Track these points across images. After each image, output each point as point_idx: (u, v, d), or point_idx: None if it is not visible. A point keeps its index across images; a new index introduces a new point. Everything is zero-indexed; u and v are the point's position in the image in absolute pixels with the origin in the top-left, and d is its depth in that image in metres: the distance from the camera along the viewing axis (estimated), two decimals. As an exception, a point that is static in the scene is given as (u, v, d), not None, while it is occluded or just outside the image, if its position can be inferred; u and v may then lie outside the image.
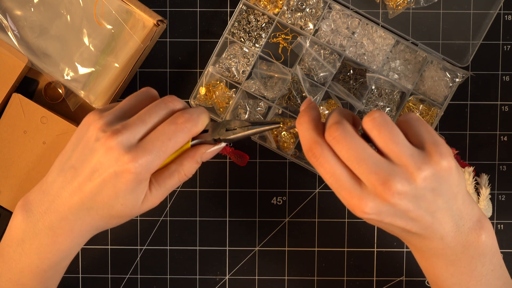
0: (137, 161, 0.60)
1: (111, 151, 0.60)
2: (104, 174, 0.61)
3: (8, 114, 0.79)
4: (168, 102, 0.64)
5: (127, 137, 0.60)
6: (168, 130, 0.61)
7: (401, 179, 0.57)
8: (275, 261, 0.85)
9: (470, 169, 0.82)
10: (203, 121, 0.64)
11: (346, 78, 0.82)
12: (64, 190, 0.62)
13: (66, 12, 0.79)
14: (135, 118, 0.62)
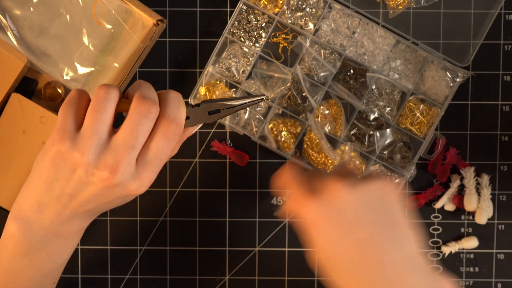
0: (143, 186, 0.60)
1: (114, 187, 0.59)
2: (110, 199, 0.61)
3: (7, 114, 0.79)
4: (147, 114, 0.60)
5: (125, 171, 0.59)
6: (162, 148, 0.60)
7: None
8: (275, 262, 0.85)
9: (471, 169, 0.82)
10: (184, 114, 0.62)
11: (346, 78, 0.82)
12: (64, 210, 0.61)
13: (66, 12, 0.79)
14: (122, 145, 0.59)
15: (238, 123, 0.82)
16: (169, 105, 0.61)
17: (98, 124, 0.59)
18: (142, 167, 0.60)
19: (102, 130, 0.59)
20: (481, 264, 0.84)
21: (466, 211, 0.84)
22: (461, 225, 0.84)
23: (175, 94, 0.62)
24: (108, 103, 0.60)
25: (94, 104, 0.60)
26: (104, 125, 0.59)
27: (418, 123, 0.82)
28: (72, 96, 0.62)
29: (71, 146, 0.59)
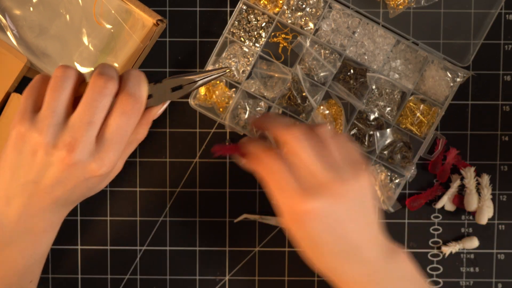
0: (104, 166, 0.59)
1: (74, 166, 0.58)
2: (73, 182, 0.59)
3: (7, 113, 0.79)
4: (103, 90, 0.59)
5: (84, 148, 0.58)
6: (122, 124, 0.59)
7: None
8: (275, 262, 0.85)
9: (471, 169, 0.82)
10: (146, 91, 0.61)
11: (346, 78, 0.82)
12: (31, 200, 0.60)
13: (66, 12, 0.79)
14: (79, 122, 0.58)
15: (238, 123, 0.82)
16: (129, 82, 0.60)
17: (55, 102, 0.59)
18: (101, 145, 0.59)
19: (59, 109, 0.58)
20: (482, 264, 0.84)
21: (467, 211, 0.84)
22: (461, 225, 0.84)
23: (136, 72, 0.61)
24: (65, 81, 0.59)
25: (52, 84, 0.60)
26: (61, 104, 0.59)
27: (418, 123, 0.82)
28: (35, 80, 0.61)
29: (30, 126, 0.58)
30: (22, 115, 0.59)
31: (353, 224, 0.62)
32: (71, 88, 0.60)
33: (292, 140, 0.62)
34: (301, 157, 0.61)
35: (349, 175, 0.61)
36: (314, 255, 0.63)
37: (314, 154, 0.61)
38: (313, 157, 0.61)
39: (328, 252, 0.62)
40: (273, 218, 0.84)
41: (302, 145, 0.61)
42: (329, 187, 0.60)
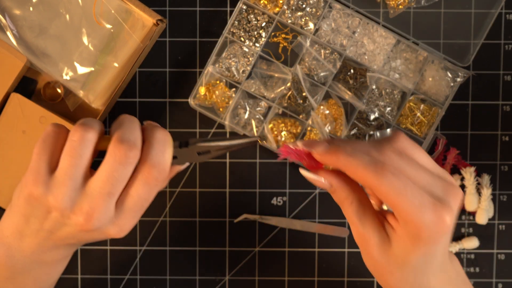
0: (123, 231, 0.58)
1: (92, 232, 0.57)
2: (87, 238, 0.59)
3: (6, 114, 0.79)
4: (125, 160, 0.55)
5: (102, 217, 0.56)
6: (143, 195, 0.57)
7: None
8: (275, 262, 0.85)
9: (471, 169, 0.82)
10: (170, 157, 0.57)
11: (346, 78, 0.82)
12: (45, 242, 0.59)
13: (65, 12, 0.79)
14: (98, 191, 0.55)
15: (238, 123, 0.82)
16: (153, 149, 0.56)
17: (73, 169, 0.55)
18: (121, 213, 0.57)
19: (77, 176, 0.56)
20: (482, 265, 0.84)
21: (467, 211, 0.84)
22: (461, 225, 0.84)
23: (161, 135, 0.57)
24: (84, 147, 0.56)
25: (69, 148, 0.56)
26: (79, 171, 0.56)
27: (418, 123, 0.82)
28: (47, 133, 0.57)
29: (45, 191, 0.56)
30: (35, 177, 0.56)
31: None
32: (90, 152, 0.56)
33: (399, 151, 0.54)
34: (418, 166, 0.54)
35: (455, 188, 0.55)
36: (417, 272, 0.56)
37: (430, 160, 0.55)
38: (426, 165, 0.54)
39: (436, 266, 0.56)
40: (273, 218, 0.84)
41: (418, 151, 0.55)
42: (456, 196, 0.54)
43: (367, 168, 0.52)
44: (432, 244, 0.54)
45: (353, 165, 0.53)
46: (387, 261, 0.56)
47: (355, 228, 0.56)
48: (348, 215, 0.56)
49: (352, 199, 0.56)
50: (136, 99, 0.84)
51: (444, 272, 0.58)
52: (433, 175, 0.54)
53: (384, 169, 0.52)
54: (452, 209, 0.53)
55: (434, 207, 0.52)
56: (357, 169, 0.53)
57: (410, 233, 0.53)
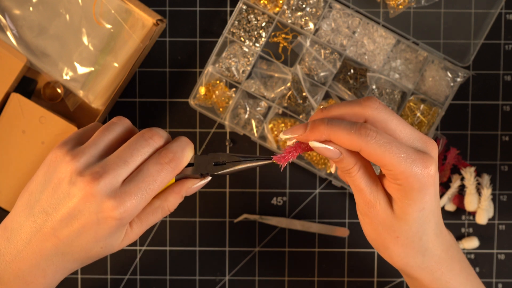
0: (122, 207, 0.56)
1: (92, 198, 0.56)
2: (84, 221, 0.57)
3: (6, 113, 0.79)
4: (148, 139, 0.59)
5: (109, 182, 0.56)
6: (153, 172, 0.58)
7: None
8: (275, 262, 0.85)
9: (471, 169, 0.82)
10: (188, 156, 0.60)
11: (346, 78, 0.82)
12: (35, 236, 0.58)
13: (65, 12, 0.79)
14: (115, 158, 0.57)
15: (238, 123, 0.82)
16: (174, 143, 0.60)
17: (99, 138, 0.59)
18: (126, 186, 0.57)
19: (101, 145, 0.58)
20: (482, 264, 0.84)
21: (467, 211, 0.84)
22: (461, 225, 0.84)
23: (186, 138, 0.61)
24: (117, 126, 0.60)
25: (104, 125, 0.61)
26: (104, 141, 0.59)
27: (418, 123, 0.82)
28: (90, 125, 0.63)
29: (67, 151, 0.57)
30: (64, 142, 0.59)
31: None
32: (120, 133, 0.60)
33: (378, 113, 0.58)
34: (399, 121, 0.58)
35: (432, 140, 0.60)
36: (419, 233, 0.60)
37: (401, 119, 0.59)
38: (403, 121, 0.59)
39: (434, 225, 0.60)
40: (273, 218, 0.83)
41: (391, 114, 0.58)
42: (434, 148, 0.58)
43: (351, 132, 0.56)
44: (424, 196, 0.57)
45: (337, 133, 0.56)
46: (391, 225, 0.59)
47: (362, 195, 0.59)
48: (356, 182, 0.59)
49: (360, 166, 0.58)
50: (136, 99, 0.84)
51: (442, 234, 0.62)
52: (410, 130, 0.58)
53: (367, 129, 0.56)
54: (434, 160, 0.57)
55: (419, 157, 0.56)
56: (342, 136, 0.56)
57: (403, 189, 0.57)
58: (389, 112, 0.58)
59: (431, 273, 0.62)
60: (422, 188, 0.57)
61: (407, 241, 0.60)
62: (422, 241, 0.60)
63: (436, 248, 0.61)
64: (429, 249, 0.61)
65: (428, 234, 0.60)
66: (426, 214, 0.58)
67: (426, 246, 0.60)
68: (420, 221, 0.59)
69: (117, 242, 0.60)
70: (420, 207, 0.58)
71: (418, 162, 0.56)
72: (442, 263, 0.62)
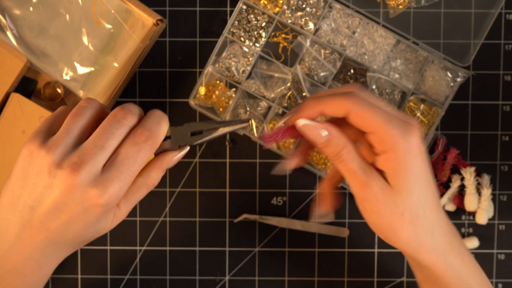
0: (106, 194, 0.56)
1: (75, 189, 0.55)
2: (70, 212, 0.56)
3: (6, 113, 0.79)
4: (122, 120, 0.58)
5: (89, 170, 0.55)
6: (131, 153, 0.57)
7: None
8: (275, 262, 0.84)
9: (471, 169, 0.82)
10: (164, 131, 0.60)
11: (346, 78, 0.82)
12: (24, 231, 0.57)
13: (65, 12, 0.79)
14: (91, 144, 0.57)
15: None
16: (148, 119, 0.59)
17: (71, 125, 0.58)
18: (107, 172, 0.56)
19: (74, 133, 0.58)
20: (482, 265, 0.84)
21: (467, 211, 0.84)
22: (461, 225, 0.84)
23: (159, 112, 0.61)
24: (87, 110, 0.59)
25: (73, 110, 0.59)
26: (77, 129, 0.58)
27: (418, 123, 0.82)
28: (58, 110, 0.61)
29: (40, 145, 0.57)
30: (35, 135, 0.58)
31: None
32: (91, 116, 0.59)
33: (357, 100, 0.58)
34: (379, 99, 0.59)
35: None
36: (422, 205, 0.59)
37: (387, 104, 0.60)
38: (389, 105, 0.60)
39: (435, 197, 0.60)
40: (273, 218, 0.83)
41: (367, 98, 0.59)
42: (416, 126, 0.58)
43: (339, 96, 0.57)
44: (413, 160, 0.57)
45: (325, 100, 0.58)
46: (393, 201, 0.58)
47: (355, 178, 0.59)
48: (348, 164, 0.59)
49: (350, 147, 0.59)
50: (136, 99, 0.84)
51: (444, 213, 0.61)
52: (393, 109, 0.59)
53: (354, 93, 0.57)
54: (418, 132, 0.57)
55: (402, 122, 0.57)
56: (330, 101, 0.58)
57: (392, 157, 0.57)
58: (369, 92, 0.59)
59: (444, 256, 0.61)
60: (409, 151, 0.57)
61: (412, 216, 0.58)
62: (426, 213, 0.59)
63: (445, 226, 0.60)
64: (438, 226, 0.60)
65: (431, 207, 0.59)
66: (422, 183, 0.58)
67: (433, 222, 0.59)
68: (418, 189, 0.58)
69: (107, 225, 0.60)
70: (415, 173, 0.57)
71: (402, 124, 0.57)
72: (453, 245, 0.61)
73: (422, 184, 0.58)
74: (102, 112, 0.61)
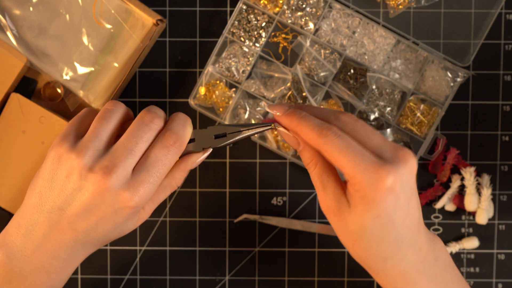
0: (137, 196, 0.58)
1: (107, 192, 0.57)
2: (101, 214, 0.58)
3: (6, 113, 0.79)
4: (149, 123, 0.60)
5: (121, 174, 0.57)
6: (160, 156, 0.59)
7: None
8: (275, 262, 0.84)
9: (471, 169, 0.82)
10: (189, 133, 0.62)
11: (346, 78, 0.82)
12: (52, 231, 0.59)
13: (65, 12, 0.79)
14: (121, 149, 0.58)
15: (238, 123, 0.82)
16: (174, 122, 0.62)
17: (100, 129, 0.60)
18: (138, 174, 0.58)
19: (103, 136, 0.59)
20: (482, 265, 0.84)
21: (467, 211, 0.83)
22: (461, 225, 0.84)
23: (183, 115, 0.63)
24: (114, 113, 0.61)
25: (100, 113, 0.61)
26: (106, 132, 0.60)
27: (418, 123, 0.82)
28: (82, 111, 0.64)
29: (70, 148, 0.58)
30: (63, 138, 0.59)
31: (415, 204, 0.59)
32: (118, 120, 0.61)
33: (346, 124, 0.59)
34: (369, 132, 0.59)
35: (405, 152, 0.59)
36: (376, 240, 0.59)
37: (374, 130, 0.59)
38: (376, 133, 0.59)
39: (395, 235, 0.58)
40: (273, 218, 0.83)
41: (359, 124, 0.59)
42: (405, 159, 0.57)
43: (313, 130, 0.58)
44: (378, 204, 0.56)
45: (302, 127, 0.59)
46: (347, 228, 0.59)
47: (318, 193, 0.61)
48: (313, 178, 0.61)
49: (317, 162, 0.60)
50: (136, 99, 0.84)
51: (413, 247, 0.60)
52: (381, 140, 0.58)
53: (329, 130, 0.57)
54: (398, 171, 0.56)
55: (375, 165, 0.56)
56: (305, 131, 0.59)
57: (358, 193, 0.57)
58: (360, 124, 0.59)
59: (393, 282, 0.61)
60: (376, 196, 0.56)
61: (364, 246, 0.59)
62: (380, 248, 0.59)
63: (400, 259, 0.60)
64: (391, 258, 0.59)
65: (387, 243, 0.58)
66: (382, 223, 0.57)
67: (386, 255, 0.59)
68: (375, 228, 0.58)
69: (132, 225, 0.62)
70: (375, 214, 0.57)
71: (372, 171, 0.56)
72: (406, 276, 0.60)
73: (381, 223, 0.57)
74: (127, 115, 0.63)
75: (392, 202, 0.57)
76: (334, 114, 0.60)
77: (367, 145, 0.58)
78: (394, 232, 0.58)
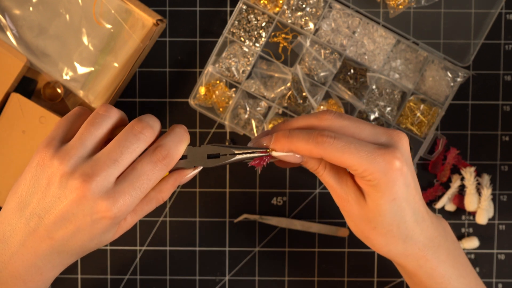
0: (116, 207, 0.55)
1: (85, 200, 0.55)
2: (78, 223, 0.56)
3: (6, 113, 0.79)
4: (138, 134, 0.57)
5: (101, 183, 0.55)
6: (146, 170, 0.57)
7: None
8: (275, 262, 0.84)
9: (471, 169, 0.82)
10: (181, 151, 0.59)
11: (346, 78, 0.82)
12: (29, 238, 0.57)
13: (65, 12, 0.79)
14: (105, 157, 0.56)
15: (238, 123, 0.82)
16: (169, 136, 0.59)
17: (87, 136, 0.57)
18: (119, 185, 0.56)
19: (89, 143, 0.57)
20: (482, 264, 0.84)
21: (467, 211, 0.83)
22: (461, 225, 0.84)
23: (181, 130, 0.60)
24: (104, 120, 0.58)
25: (90, 118, 0.58)
26: (93, 140, 0.57)
27: (418, 123, 0.82)
28: (72, 112, 0.60)
29: (53, 154, 0.56)
30: (48, 142, 0.57)
31: (416, 178, 0.61)
32: (108, 127, 0.58)
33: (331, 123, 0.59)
34: (357, 122, 0.59)
35: (396, 131, 0.60)
36: (397, 221, 0.60)
37: (360, 120, 0.60)
38: (363, 121, 0.60)
39: (412, 212, 0.60)
40: (273, 218, 0.83)
41: (344, 119, 0.59)
42: (400, 138, 0.59)
43: (308, 142, 0.58)
44: (392, 188, 0.58)
45: (296, 144, 0.58)
46: (367, 217, 0.60)
47: (334, 191, 0.61)
48: (325, 179, 0.61)
49: (325, 165, 0.60)
50: (136, 99, 0.84)
51: (427, 221, 0.62)
52: (371, 128, 0.59)
53: (322, 136, 0.57)
54: (400, 151, 0.58)
55: (381, 152, 0.57)
56: (300, 147, 0.58)
57: (370, 183, 0.58)
58: (345, 118, 0.59)
59: (415, 259, 0.62)
60: (389, 181, 0.58)
61: (384, 230, 0.60)
62: (400, 228, 0.60)
63: (419, 235, 0.61)
64: (410, 236, 0.61)
65: (406, 222, 0.60)
66: (399, 204, 0.59)
67: (406, 233, 0.61)
68: (393, 211, 0.59)
69: (111, 237, 0.60)
70: (391, 197, 0.58)
71: (380, 158, 0.57)
72: (427, 250, 0.62)
73: (399, 204, 0.59)
74: (120, 121, 0.60)
75: (403, 182, 0.58)
76: (316, 116, 0.60)
77: (361, 136, 0.59)
78: (410, 210, 0.60)
